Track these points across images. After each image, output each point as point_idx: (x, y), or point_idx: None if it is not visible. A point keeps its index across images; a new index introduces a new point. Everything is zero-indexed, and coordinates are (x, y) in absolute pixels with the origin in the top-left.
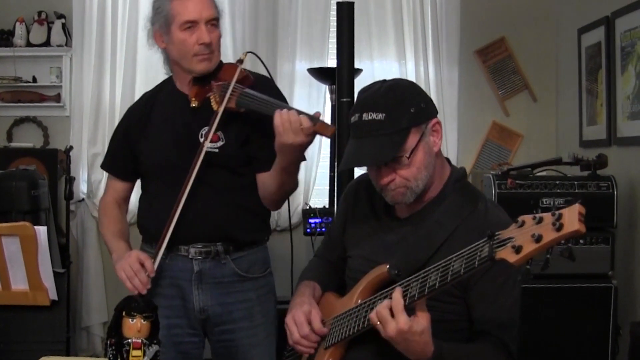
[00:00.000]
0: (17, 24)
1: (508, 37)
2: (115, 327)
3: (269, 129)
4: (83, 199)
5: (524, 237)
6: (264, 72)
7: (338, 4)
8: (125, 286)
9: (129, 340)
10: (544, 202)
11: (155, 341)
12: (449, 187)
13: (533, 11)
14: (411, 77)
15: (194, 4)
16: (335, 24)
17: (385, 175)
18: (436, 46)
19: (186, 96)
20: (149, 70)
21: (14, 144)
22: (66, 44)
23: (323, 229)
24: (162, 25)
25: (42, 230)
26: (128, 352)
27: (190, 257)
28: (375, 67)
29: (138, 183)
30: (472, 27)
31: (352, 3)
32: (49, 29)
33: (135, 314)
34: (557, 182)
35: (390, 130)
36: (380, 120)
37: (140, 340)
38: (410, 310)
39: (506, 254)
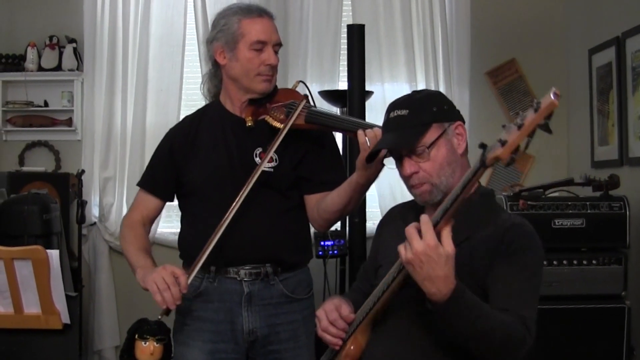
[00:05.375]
0: (29, 48)
1: (519, 59)
2: (127, 350)
3: (325, 151)
4: (95, 223)
5: (508, 132)
6: None
7: (348, 26)
8: (154, 298)
9: None
10: (556, 223)
11: None
12: (475, 197)
13: (543, 32)
14: None
15: (264, 26)
16: (345, 46)
17: (407, 166)
18: (447, 68)
19: (237, 118)
20: (160, 95)
21: (25, 168)
22: (77, 69)
23: (335, 252)
24: (228, 41)
25: (54, 254)
26: None
27: (239, 279)
28: (386, 89)
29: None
30: (482, 48)
31: (363, 25)
32: (60, 54)
33: (148, 336)
34: (569, 203)
35: (413, 123)
36: (404, 115)
37: None
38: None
39: (495, 152)
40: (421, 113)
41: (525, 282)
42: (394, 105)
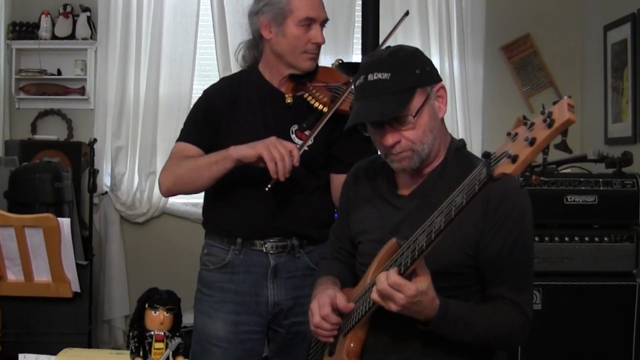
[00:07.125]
0: (43, 16)
1: (533, 34)
2: (137, 319)
3: (358, 133)
4: (106, 192)
5: (518, 145)
6: None
7: None
8: (268, 166)
9: (152, 333)
10: (569, 199)
11: (177, 334)
12: (449, 157)
13: (559, 8)
14: None
15: (313, 2)
16: (360, 18)
17: (390, 136)
18: (461, 42)
19: (276, 90)
20: (173, 65)
21: (38, 136)
22: (91, 37)
23: None
24: (275, 16)
25: (65, 222)
26: (150, 344)
27: (265, 251)
28: None
29: None
30: (497, 23)
31: None
32: (74, 22)
33: (158, 306)
34: (582, 179)
35: (396, 89)
36: (385, 79)
37: (162, 333)
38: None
39: (504, 168)
40: (405, 77)
41: (517, 261)
42: (371, 67)
